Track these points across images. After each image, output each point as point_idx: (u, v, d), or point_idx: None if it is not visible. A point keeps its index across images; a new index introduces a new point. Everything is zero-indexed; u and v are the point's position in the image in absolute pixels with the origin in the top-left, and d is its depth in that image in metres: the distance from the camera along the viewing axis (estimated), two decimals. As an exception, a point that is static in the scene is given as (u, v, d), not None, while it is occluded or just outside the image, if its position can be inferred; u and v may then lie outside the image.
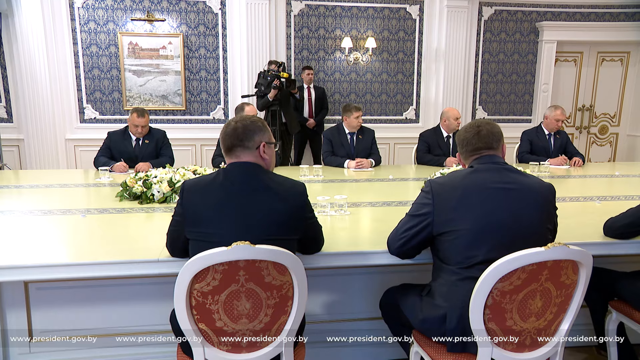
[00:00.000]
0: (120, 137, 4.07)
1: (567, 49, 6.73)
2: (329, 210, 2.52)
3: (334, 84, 6.31)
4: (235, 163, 1.69)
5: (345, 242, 2.13)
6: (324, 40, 6.16)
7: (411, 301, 1.87)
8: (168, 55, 5.88)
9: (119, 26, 5.73)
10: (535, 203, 1.72)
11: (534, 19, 6.48)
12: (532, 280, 1.52)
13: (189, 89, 6.04)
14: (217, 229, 1.59)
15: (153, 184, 2.84)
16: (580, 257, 1.54)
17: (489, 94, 6.65)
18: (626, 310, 2.10)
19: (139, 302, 2.31)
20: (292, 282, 1.55)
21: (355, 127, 4.34)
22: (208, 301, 1.50)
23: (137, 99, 5.94)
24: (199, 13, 5.86)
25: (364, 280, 2.44)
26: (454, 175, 1.82)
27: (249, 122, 1.71)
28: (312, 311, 2.41)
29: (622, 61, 6.98)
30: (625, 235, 2.10)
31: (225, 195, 1.62)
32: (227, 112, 6.15)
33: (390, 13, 6.20)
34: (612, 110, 7.15)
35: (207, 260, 1.44)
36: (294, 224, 1.67)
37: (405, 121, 6.57)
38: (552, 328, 1.65)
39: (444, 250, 1.74)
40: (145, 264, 1.87)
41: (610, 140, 7.27)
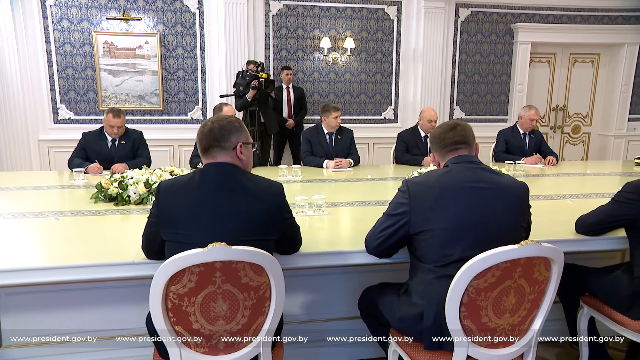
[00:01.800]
0: (95, 138, 4.00)
1: (541, 50, 6.88)
2: (307, 210, 2.52)
3: (312, 84, 6.31)
4: (212, 164, 1.67)
5: (324, 242, 2.13)
6: (302, 41, 6.16)
7: (389, 300, 1.88)
8: (145, 55, 5.80)
9: (94, 25, 5.63)
10: (509, 202, 1.75)
11: (509, 20, 6.60)
12: (506, 278, 1.55)
13: (166, 89, 5.97)
14: (193, 230, 1.58)
15: (129, 185, 2.80)
16: (552, 254, 1.57)
17: (466, 94, 6.74)
18: (596, 305, 2.15)
19: (115, 305, 2.28)
20: (270, 283, 1.54)
21: (334, 127, 4.35)
22: (184, 303, 1.48)
23: (113, 99, 5.84)
24: (176, 12, 5.79)
25: (343, 280, 2.45)
26: (430, 174, 1.84)
27: (226, 122, 1.69)
28: (290, 311, 2.41)
29: (592, 62, 7.17)
30: (596, 232, 2.16)
31: (201, 196, 1.61)
32: (205, 112, 6.09)
33: (368, 13, 6.24)
34: (584, 110, 7.33)
35: (182, 262, 1.42)
36: (271, 224, 1.66)
37: (383, 121, 6.62)
38: (526, 324, 1.68)
39: (420, 249, 1.75)
40: (121, 267, 1.84)
41: (582, 139, 7.45)
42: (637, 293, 1.97)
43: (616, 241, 2.18)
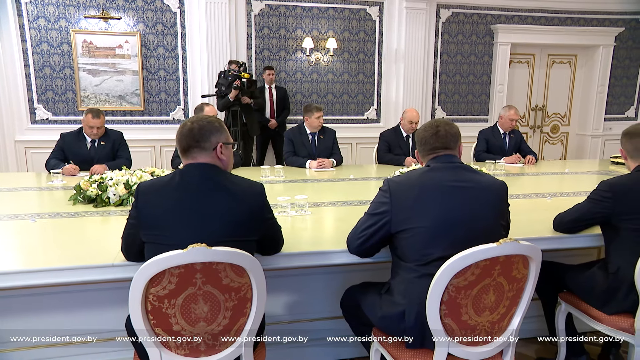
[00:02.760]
0: (74, 139, 3.93)
1: (520, 51, 6.98)
2: (289, 210, 2.52)
3: (295, 84, 6.31)
4: (192, 164, 1.66)
5: (306, 242, 2.13)
6: (285, 41, 6.15)
7: (371, 299, 1.89)
8: (125, 55, 5.72)
9: (72, 23, 5.53)
10: (489, 201, 1.77)
11: (489, 21, 6.69)
12: (486, 276, 1.57)
13: (147, 89, 5.90)
14: (173, 232, 1.56)
15: (108, 187, 2.76)
16: (530, 251, 1.60)
17: (448, 94, 6.81)
18: (573, 301, 2.20)
19: (95, 308, 2.24)
20: (251, 284, 1.54)
21: (316, 127, 4.35)
22: (164, 305, 1.47)
23: (93, 99, 5.75)
24: (156, 12, 5.73)
25: (325, 280, 2.45)
26: (411, 174, 1.85)
27: (206, 122, 1.68)
28: (273, 312, 2.40)
29: (570, 63, 7.31)
30: (573, 230, 2.20)
31: (181, 197, 1.60)
32: (187, 112, 6.04)
33: (350, 14, 6.26)
34: (563, 110, 7.47)
35: (162, 263, 1.41)
36: (252, 225, 1.66)
37: (366, 121, 6.64)
38: (505, 321, 1.71)
39: (401, 248, 1.77)
40: (100, 269, 1.81)
41: (561, 139, 7.59)
42: (611, 289, 2.01)
43: (592, 238, 2.22)
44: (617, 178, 2.07)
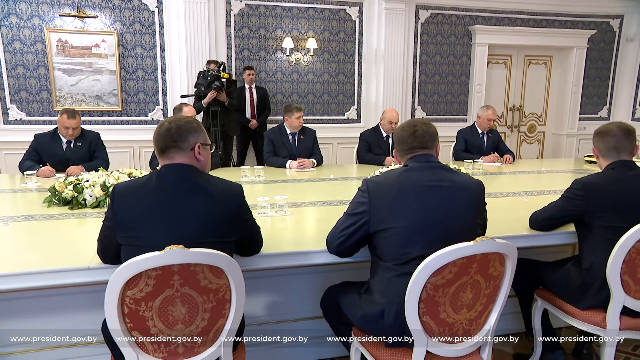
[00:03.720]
0: (49, 140, 3.85)
1: (497, 51, 7.09)
2: (269, 211, 2.51)
3: (275, 85, 6.29)
4: (169, 165, 1.64)
5: (286, 242, 2.13)
6: (264, 40, 6.13)
7: (350, 299, 1.90)
8: (102, 54, 5.63)
9: (46, 22, 5.41)
10: (466, 200, 1.79)
11: (467, 22, 6.77)
12: (463, 274, 1.59)
13: (125, 89, 5.81)
14: (150, 233, 1.54)
15: (85, 188, 2.71)
16: (506, 249, 1.63)
17: (427, 94, 6.87)
18: (549, 297, 2.24)
19: (71, 312, 2.20)
20: (229, 285, 1.53)
21: (296, 127, 4.34)
22: (141, 308, 1.45)
23: (69, 99, 5.64)
24: (134, 10, 5.65)
25: (305, 280, 2.45)
26: (390, 174, 1.86)
27: (183, 122, 1.67)
28: (253, 313, 2.39)
29: (545, 64, 7.46)
30: (548, 228, 2.24)
31: (158, 198, 1.58)
32: (166, 112, 5.97)
33: (330, 14, 6.27)
34: (539, 110, 7.62)
35: (139, 265, 1.39)
36: (230, 225, 1.65)
37: (347, 121, 6.66)
38: (483, 318, 1.73)
39: (380, 248, 1.78)
40: (75, 272, 1.78)
41: (538, 138, 7.73)
42: (585, 285, 2.06)
43: (566, 236, 2.27)
44: (590, 177, 2.11)
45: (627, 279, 1.94)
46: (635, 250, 1.88)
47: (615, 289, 1.94)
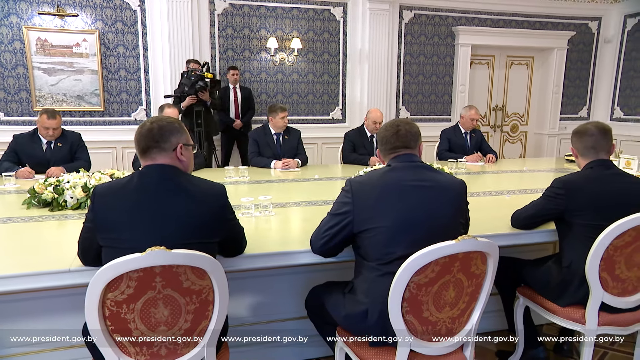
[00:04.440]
0: (28, 140, 3.78)
1: (480, 52, 7.17)
2: (253, 211, 2.50)
3: (260, 85, 6.27)
4: (151, 165, 1.62)
5: (270, 242, 2.12)
6: (249, 40, 6.10)
7: (335, 299, 1.90)
8: (83, 53, 5.55)
9: (24, 20, 5.31)
10: (448, 199, 1.80)
11: (450, 23, 6.84)
12: (445, 272, 1.60)
13: (107, 89, 5.74)
14: (131, 235, 1.52)
15: (65, 190, 2.67)
16: (488, 248, 1.64)
17: (411, 94, 6.92)
18: (530, 295, 2.27)
19: (51, 315, 2.16)
20: (212, 286, 1.52)
21: (281, 127, 4.33)
22: (123, 310, 1.43)
23: (49, 100, 5.55)
24: (115, 9, 5.58)
25: (290, 280, 2.45)
26: (373, 174, 1.87)
27: (165, 122, 1.65)
28: (238, 314, 2.38)
29: (527, 65, 7.57)
30: (529, 226, 2.27)
31: (139, 199, 1.56)
32: (149, 113, 5.91)
33: (314, 14, 6.27)
34: (521, 110, 7.72)
35: (120, 267, 1.37)
36: (213, 226, 1.64)
37: (332, 121, 6.67)
38: (465, 316, 1.75)
39: (364, 248, 1.78)
40: (55, 275, 1.75)
41: (520, 138, 7.84)
42: (565, 282, 2.09)
43: (547, 234, 2.30)
44: (569, 175, 2.15)
45: (605, 275, 1.97)
46: (613, 248, 1.92)
47: (593, 286, 1.98)
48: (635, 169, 3.88)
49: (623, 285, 2.02)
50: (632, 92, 7.26)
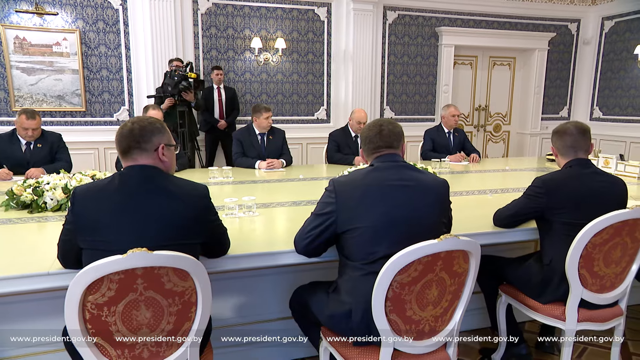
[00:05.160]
0: (6, 141, 3.71)
1: (463, 52, 7.24)
2: (237, 212, 2.49)
3: (244, 85, 6.24)
4: (133, 166, 1.61)
5: (254, 243, 2.11)
6: (233, 40, 6.07)
7: (319, 298, 1.90)
8: (63, 53, 5.46)
9: (1, 18, 5.21)
10: (431, 199, 1.81)
11: (433, 23, 6.89)
12: (428, 271, 1.61)
13: (89, 89, 5.66)
14: (112, 237, 1.50)
15: (45, 191, 2.62)
16: (470, 246, 1.66)
17: (396, 94, 6.95)
18: (512, 292, 2.30)
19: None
20: (195, 288, 1.51)
21: (265, 127, 4.32)
22: (104, 313, 1.41)
23: (28, 100, 5.45)
24: (96, 8, 5.50)
25: (274, 281, 2.44)
26: (356, 174, 1.87)
27: (147, 123, 1.63)
28: (222, 315, 2.37)
29: (509, 66, 7.67)
30: (511, 225, 2.30)
31: (121, 200, 1.54)
32: (132, 113, 5.84)
33: (299, 14, 6.27)
34: (504, 110, 7.82)
35: (100, 270, 1.35)
36: (196, 227, 1.62)
37: (316, 121, 6.67)
38: (448, 314, 1.76)
39: (348, 247, 1.78)
40: (34, 278, 1.72)
41: (503, 137, 7.93)
42: (545, 279, 2.12)
43: (529, 232, 2.33)
44: (550, 174, 2.18)
45: (584, 272, 2.01)
46: (592, 245, 1.95)
47: (573, 283, 2.01)
48: (613, 167, 3.95)
49: (601, 282, 2.06)
50: (610, 92, 7.41)
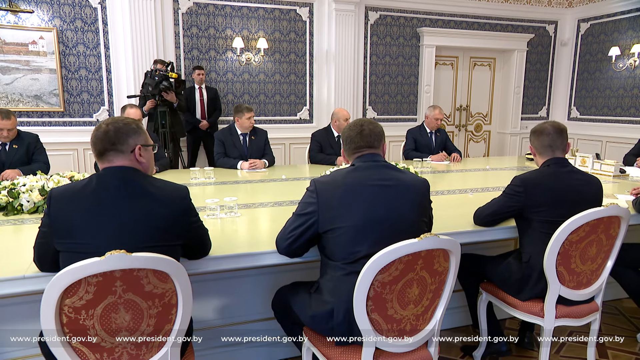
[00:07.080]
0: (-19, 142, 3.62)
1: (444, 53, 7.31)
2: (218, 213, 2.47)
3: (226, 85, 6.20)
4: (109, 168, 1.58)
5: (235, 244, 2.10)
6: (214, 40, 6.03)
7: (301, 299, 1.90)
8: (40, 52, 5.35)
9: (-25, 16, 5.09)
10: (411, 198, 1.83)
11: (415, 24, 6.94)
12: (409, 270, 1.63)
13: (67, 89, 5.56)
14: (90, 239, 1.48)
15: (21, 193, 2.57)
16: (450, 245, 1.67)
17: (378, 94, 6.98)
18: (493, 290, 2.33)
19: (5, 324, 2.08)
20: (175, 289, 1.49)
21: (247, 127, 4.30)
22: (82, 317, 1.39)
23: (4, 99, 5.33)
24: (74, 6, 5.40)
25: (256, 282, 2.43)
26: (337, 173, 1.88)
27: (122, 124, 1.61)
28: (204, 316, 2.35)
29: (490, 66, 7.77)
30: (491, 223, 2.33)
31: (98, 202, 1.52)
32: (112, 113, 5.75)
33: (280, 14, 6.25)
34: (485, 110, 7.92)
35: (78, 272, 1.33)
36: (176, 229, 1.61)
37: (299, 121, 6.67)
38: (429, 313, 1.78)
39: (329, 247, 1.79)
40: (9, 282, 1.68)
41: (484, 137, 8.03)
42: (524, 277, 2.16)
43: (508, 230, 2.37)
44: (528, 173, 2.22)
45: (562, 269, 2.04)
46: (569, 243, 1.99)
47: (551, 280, 2.04)
48: (590, 166, 4.03)
49: (578, 279, 2.10)
50: (587, 92, 7.56)
